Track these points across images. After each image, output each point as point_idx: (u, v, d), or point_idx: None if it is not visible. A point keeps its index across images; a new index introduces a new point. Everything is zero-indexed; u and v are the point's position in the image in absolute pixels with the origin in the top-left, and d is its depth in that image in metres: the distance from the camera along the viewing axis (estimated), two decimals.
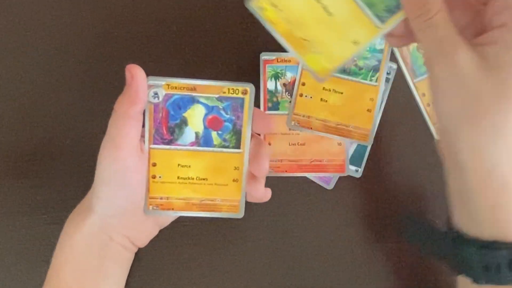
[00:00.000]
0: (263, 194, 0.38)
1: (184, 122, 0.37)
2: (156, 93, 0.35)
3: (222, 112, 0.36)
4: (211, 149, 0.37)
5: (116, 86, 0.45)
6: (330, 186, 0.46)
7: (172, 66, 0.46)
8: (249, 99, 0.36)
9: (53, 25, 0.46)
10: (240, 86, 0.36)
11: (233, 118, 0.36)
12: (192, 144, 0.37)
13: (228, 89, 0.36)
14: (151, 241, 0.42)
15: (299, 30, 0.33)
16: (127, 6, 0.46)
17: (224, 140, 0.37)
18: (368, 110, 0.45)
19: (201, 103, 0.36)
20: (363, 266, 0.46)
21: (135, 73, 0.34)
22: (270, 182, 0.41)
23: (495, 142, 0.28)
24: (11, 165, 0.45)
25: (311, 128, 0.45)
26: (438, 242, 0.36)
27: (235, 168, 0.38)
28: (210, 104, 0.37)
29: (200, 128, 0.37)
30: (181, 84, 0.35)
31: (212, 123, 0.37)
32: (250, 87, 0.36)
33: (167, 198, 0.37)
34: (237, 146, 0.37)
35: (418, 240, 0.39)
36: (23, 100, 0.45)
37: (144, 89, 0.34)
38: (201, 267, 0.45)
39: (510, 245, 0.32)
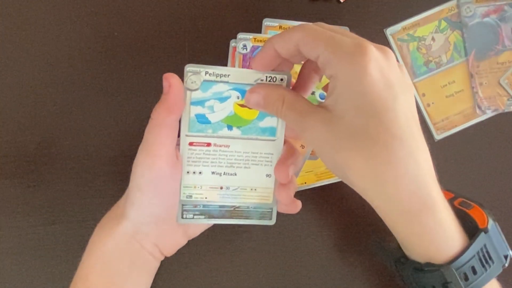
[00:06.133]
0: (289, 202, 0.37)
1: None
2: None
3: None
4: None
5: (117, 86, 0.46)
6: None
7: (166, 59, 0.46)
8: None
9: (53, 25, 0.45)
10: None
11: None
12: None
13: None
14: None
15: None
16: (127, 6, 0.46)
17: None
18: None
19: None
20: (363, 266, 0.46)
21: (173, 82, 0.33)
22: None
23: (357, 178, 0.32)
24: (11, 165, 0.45)
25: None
26: (390, 263, 0.38)
27: None
28: None
29: None
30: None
31: None
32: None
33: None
34: None
35: (385, 261, 0.40)
36: (23, 101, 0.45)
37: (181, 97, 0.34)
38: (201, 267, 0.45)
39: (440, 266, 0.33)
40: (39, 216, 0.44)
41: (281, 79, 0.35)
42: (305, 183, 0.46)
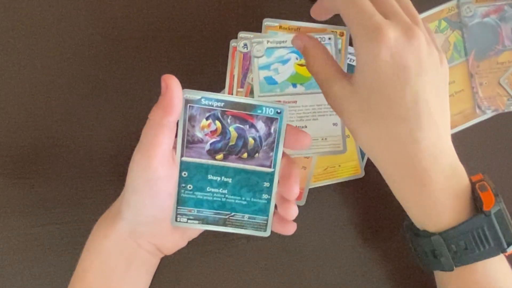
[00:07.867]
0: (295, 215, 0.38)
1: None
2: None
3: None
4: None
5: (116, 86, 0.46)
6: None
7: (167, 60, 0.46)
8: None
9: (54, 26, 0.46)
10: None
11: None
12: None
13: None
14: None
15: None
16: (127, 6, 0.46)
17: None
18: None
19: None
20: (363, 266, 0.46)
21: (170, 83, 0.33)
22: None
23: (372, 145, 0.36)
24: (11, 165, 0.45)
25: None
26: (404, 233, 0.41)
27: None
28: None
29: None
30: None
31: None
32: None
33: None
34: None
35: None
36: (24, 100, 0.45)
37: (179, 99, 0.34)
38: (201, 267, 0.45)
39: (431, 234, 0.36)
40: (39, 216, 0.45)
41: (329, 38, 0.42)
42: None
